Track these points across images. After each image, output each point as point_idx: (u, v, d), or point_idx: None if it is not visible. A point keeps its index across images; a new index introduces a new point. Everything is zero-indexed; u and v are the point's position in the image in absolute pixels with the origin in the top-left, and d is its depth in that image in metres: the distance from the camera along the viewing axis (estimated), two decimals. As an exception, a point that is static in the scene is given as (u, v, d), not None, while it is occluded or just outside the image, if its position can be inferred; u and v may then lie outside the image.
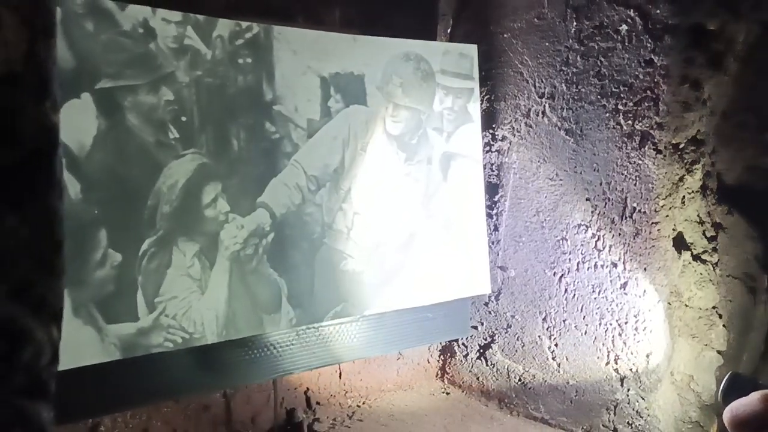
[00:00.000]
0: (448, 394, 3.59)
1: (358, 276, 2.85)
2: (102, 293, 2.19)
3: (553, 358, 3.17)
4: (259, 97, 2.59)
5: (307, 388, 3.31)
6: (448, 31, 3.48)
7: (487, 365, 3.45)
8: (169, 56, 2.36)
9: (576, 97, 2.99)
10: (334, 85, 2.79)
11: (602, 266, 2.97)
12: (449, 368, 3.66)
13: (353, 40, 2.88)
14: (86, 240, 2.16)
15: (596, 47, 2.90)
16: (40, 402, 1.27)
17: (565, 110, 3.03)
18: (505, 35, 3.24)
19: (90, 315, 2.15)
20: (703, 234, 2.81)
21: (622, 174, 2.88)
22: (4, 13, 1.21)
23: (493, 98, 3.32)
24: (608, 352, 2.99)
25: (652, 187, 2.82)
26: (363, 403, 3.42)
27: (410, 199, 3.02)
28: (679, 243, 2.87)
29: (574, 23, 2.96)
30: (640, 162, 2.83)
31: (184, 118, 2.39)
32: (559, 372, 3.16)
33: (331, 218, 2.78)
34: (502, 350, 3.38)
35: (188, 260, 2.39)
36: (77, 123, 2.16)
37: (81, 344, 2.13)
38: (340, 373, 3.41)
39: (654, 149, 2.80)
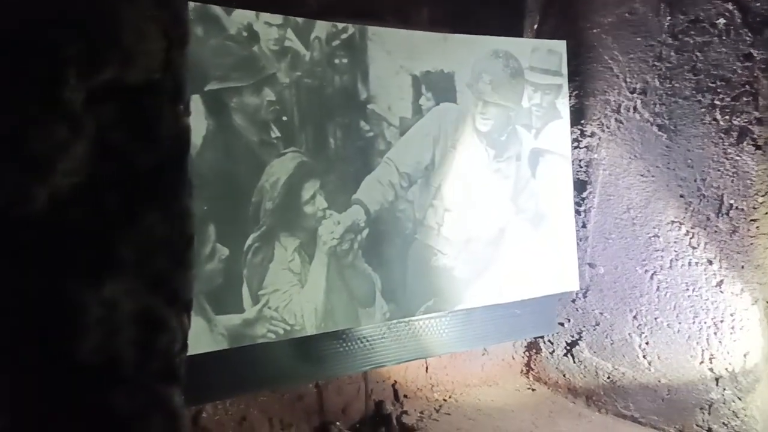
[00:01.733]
0: (533, 390, 3.59)
1: (448, 271, 2.89)
2: (211, 285, 2.31)
3: (644, 356, 3.14)
4: (355, 97, 2.66)
5: (395, 381, 3.37)
6: (535, 27, 3.48)
7: (574, 362, 3.44)
8: (271, 58, 2.45)
9: (669, 93, 2.95)
10: (425, 83, 2.84)
11: (697, 264, 2.92)
12: (534, 364, 3.66)
13: (444, 38, 2.92)
14: (196, 235, 2.26)
15: (691, 42, 2.85)
16: (173, 386, 1.36)
17: (657, 106, 2.99)
18: (594, 30, 3.22)
19: (200, 306, 2.26)
20: (804, 231, 2.74)
21: (719, 170, 2.83)
22: (147, 25, 1.30)
23: (581, 94, 3.30)
24: (702, 351, 2.94)
25: (751, 184, 2.75)
26: (449, 397, 3.46)
27: (499, 196, 3.04)
28: (779, 241, 2.81)
29: (668, 18, 2.92)
30: (738, 158, 2.77)
31: (285, 118, 2.48)
32: (650, 370, 3.12)
33: (422, 214, 2.83)
34: (590, 347, 3.36)
35: (289, 254, 2.48)
36: (188, 124, 2.26)
37: (192, 334, 2.23)
38: (427, 367, 3.46)
39: (753, 145, 2.73)
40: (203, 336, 2.27)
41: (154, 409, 1.32)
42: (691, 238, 2.94)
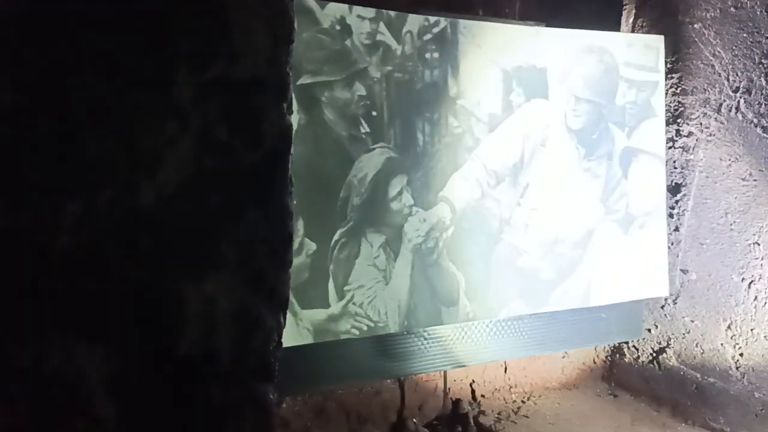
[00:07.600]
0: (615, 396, 3.48)
1: (533, 273, 2.82)
2: (298, 280, 2.30)
3: (736, 368, 2.99)
4: (444, 92, 2.61)
5: (473, 380, 3.32)
6: (631, 21, 3.34)
7: (659, 370, 3.31)
8: (362, 52, 2.42)
9: (777, 92, 2.79)
10: (516, 78, 2.76)
11: (800, 274, 2.77)
12: (617, 370, 3.55)
13: (536, 32, 2.83)
14: (285, 229, 2.27)
15: (804, 38, 2.69)
16: (267, 383, 1.35)
17: (763, 106, 2.83)
18: (695, 25, 3.07)
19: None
20: None
21: (829, 176, 2.66)
22: (255, 23, 1.28)
23: (678, 92, 3.16)
24: (803, 366, 2.79)
25: None
26: (528, 399, 3.39)
27: (589, 196, 2.94)
28: None
29: (778, 12, 2.76)
30: None
31: (374, 113, 2.45)
32: (743, 383, 2.97)
33: (509, 213, 2.76)
34: (678, 356, 3.23)
35: (374, 251, 2.46)
36: (279, 117, 2.27)
37: (278, 327, 2.25)
38: (506, 368, 3.40)
39: None
40: (289, 330, 2.26)
41: (248, 404, 1.32)
42: (795, 247, 2.78)
